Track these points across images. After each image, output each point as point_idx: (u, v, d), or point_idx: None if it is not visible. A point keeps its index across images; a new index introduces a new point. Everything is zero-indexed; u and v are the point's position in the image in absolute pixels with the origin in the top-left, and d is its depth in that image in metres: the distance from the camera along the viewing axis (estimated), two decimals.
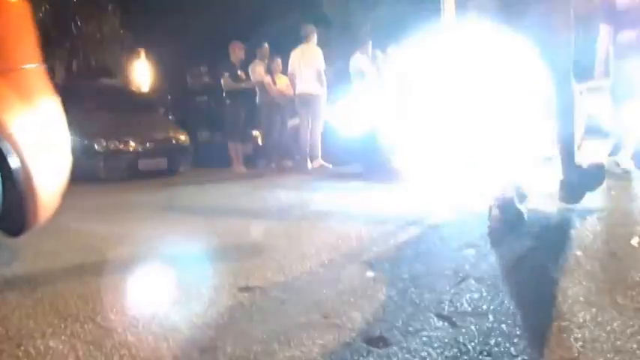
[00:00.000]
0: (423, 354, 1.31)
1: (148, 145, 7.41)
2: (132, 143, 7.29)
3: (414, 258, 2.12)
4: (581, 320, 1.42)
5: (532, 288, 1.68)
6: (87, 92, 8.55)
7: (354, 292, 1.75)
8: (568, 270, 1.83)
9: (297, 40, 7.54)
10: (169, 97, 10.89)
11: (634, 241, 2.16)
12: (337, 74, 8.19)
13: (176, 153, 7.69)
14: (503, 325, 1.43)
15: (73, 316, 1.71)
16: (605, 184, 3.40)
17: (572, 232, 2.36)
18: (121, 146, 7.20)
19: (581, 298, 1.56)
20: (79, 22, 13.41)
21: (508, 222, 2.45)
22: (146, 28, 13.02)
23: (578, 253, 2.03)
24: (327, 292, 1.77)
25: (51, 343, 1.51)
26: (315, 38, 7.46)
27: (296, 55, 7.45)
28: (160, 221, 3.54)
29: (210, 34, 12.12)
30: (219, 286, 1.91)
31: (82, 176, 6.82)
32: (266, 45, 8.20)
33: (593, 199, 3.05)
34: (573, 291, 1.63)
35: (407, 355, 1.31)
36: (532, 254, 2.10)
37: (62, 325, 1.64)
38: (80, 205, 4.74)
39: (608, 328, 1.37)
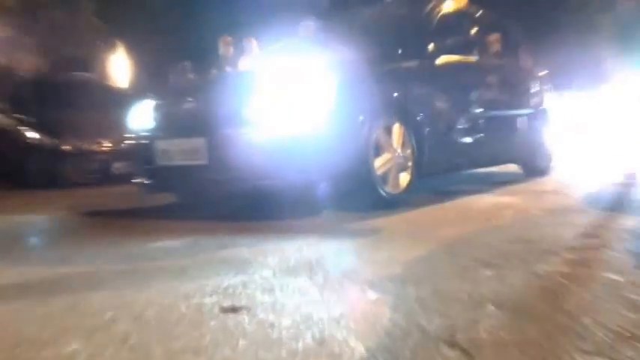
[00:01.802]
0: None
1: (123, 146, 7.38)
2: (105, 144, 7.25)
3: (422, 278, 2.07)
4: (622, 357, 1.36)
5: (563, 316, 1.62)
6: (57, 86, 8.52)
7: (353, 316, 1.71)
8: (606, 297, 1.78)
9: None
10: (149, 93, 10.88)
11: None
12: None
13: None
14: None
15: (28, 340, 1.65)
16: None
17: (609, 253, 2.32)
18: (93, 147, 7.16)
19: (624, 332, 1.50)
20: (49, 10, 13.41)
21: None
22: (124, 17, 13.02)
23: (617, 278, 1.98)
24: (323, 315, 1.72)
25: None
26: (313, 33, 7.46)
27: None
28: (140, 228, 3.48)
29: (197, 26, 12.13)
30: (201, 306, 1.86)
31: (49, 180, 6.82)
32: (253, 39, 8.22)
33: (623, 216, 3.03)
34: (613, 322, 1.57)
35: None
36: (562, 277, 2.05)
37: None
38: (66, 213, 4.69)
39: None
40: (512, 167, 6.09)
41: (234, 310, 1.81)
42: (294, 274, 2.22)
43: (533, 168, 5.94)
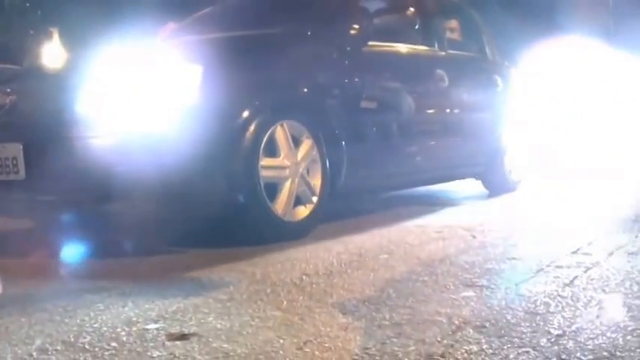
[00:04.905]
0: None
1: None
2: None
3: (398, 300, 2.12)
4: None
5: (547, 342, 1.68)
6: None
7: (320, 344, 1.73)
8: (593, 318, 1.84)
9: None
10: None
11: None
12: None
13: None
14: None
15: None
16: None
17: (600, 271, 2.40)
18: None
19: (606, 354, 1.56)
20: None
21: None
22: (60, 2, 12.86)
23: (602, 296, 2.06)
24: (286, 342, 1.74)
25: None
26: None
27: None
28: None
29: (143, 11, 12.05)
30: (144, 333, 1.87)
31: None
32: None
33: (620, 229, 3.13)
34: (599, 345, 1.62)
35: None
36: (548, 297, 2.12)
37: None
38: None
39: None
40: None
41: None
42: None
43: (500, 183, 5.52)
